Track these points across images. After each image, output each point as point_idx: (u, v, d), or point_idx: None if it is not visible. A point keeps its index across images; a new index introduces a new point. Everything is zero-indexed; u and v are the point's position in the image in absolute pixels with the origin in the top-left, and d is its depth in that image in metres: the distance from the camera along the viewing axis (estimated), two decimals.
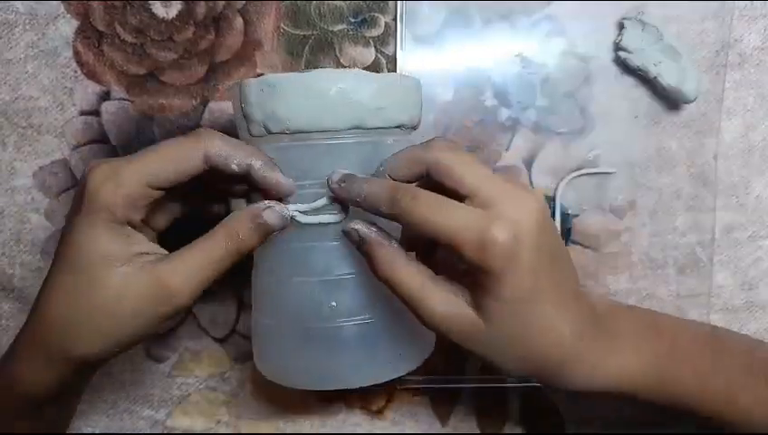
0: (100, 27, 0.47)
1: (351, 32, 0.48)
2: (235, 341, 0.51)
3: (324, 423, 0.53)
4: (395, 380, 0.38)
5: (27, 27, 0.47)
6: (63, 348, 0.32)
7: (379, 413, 0.53)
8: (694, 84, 0.47)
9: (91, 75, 0.48)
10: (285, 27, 0.48)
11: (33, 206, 0.49)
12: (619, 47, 0.47)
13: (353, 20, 0.48)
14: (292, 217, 0.34)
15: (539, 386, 0.52)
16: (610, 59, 0.48)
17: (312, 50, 0.48)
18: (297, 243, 0.35)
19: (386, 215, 0.32)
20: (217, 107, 0.48)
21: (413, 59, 0.48)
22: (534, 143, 0.49)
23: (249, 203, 0.38)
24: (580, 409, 0.53)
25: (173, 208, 0.37)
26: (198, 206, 0.39)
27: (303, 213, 0.34)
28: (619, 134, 0.49)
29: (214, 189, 0.39)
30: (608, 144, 0.49)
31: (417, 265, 0.32)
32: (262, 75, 0.35)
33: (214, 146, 0.32)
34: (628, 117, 0.49)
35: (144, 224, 0.34)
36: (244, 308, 0.51)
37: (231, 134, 0.34)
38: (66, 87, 0.48)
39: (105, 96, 0.48)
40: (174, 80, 0.48)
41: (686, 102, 0.48)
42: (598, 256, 0.51)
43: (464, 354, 0.50)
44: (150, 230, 0.36)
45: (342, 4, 0.47)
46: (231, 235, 0.32)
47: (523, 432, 0.53)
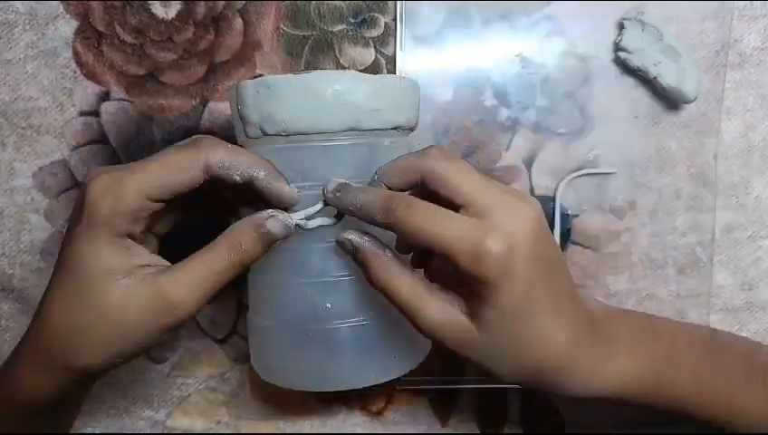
0: (100, 27, 0.47)
1: (351, 32, 0.48)
2: (234, 341, 0.51)
3: (324, 424, 0.53)
4: (393, 381, 0.38)
5: (27, 27, 0.47)
6: (65, 358, 0.32)
7: (379, 414, 0.53)
8: (694, 84, 0.47)
9: (91, 76, 0.48)
10: (285, 28, 0.48)
11: (33, 206, 0.49)
12: (618, 47, 0.47)
13: (353, 20, 0.48)
14: (295, 225, 0.33)
15: None
16: (610, 59, 0.48)
17: (312, 50, 0.48)
18: (293, 244, 0.35)
19: (381, 224, 0.31)
20: (217, 107, 0.48)
21: (413, 59, 0.48)
22: (534, 143, 0.49)
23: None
24: (579, 409, 0.53)
25: (175, 214, 0.37)
26: (200, 215, 0.38)
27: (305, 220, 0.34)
28: (618, 134, 0.49)
29: (216, 197, 0.38)
30: (608, 144, 0.49)
31: (412, 275, 0.32)
32: (261, 76, 0.35)
33: (215, 156, 0.32)
34: (628, 117, 0.49)
35: (146, 231, 0.34)
36: (243, 309, 0.51)
37: (230, 135, 0.34)
38: (66, 87, 0.48)
39: (105, 96, 0.48)
40: (174, 80, 0.48)
41: (685, 102, 0.48)
42: (598, 256, 0.50)
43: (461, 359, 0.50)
44: (153, 237, 0.36)
45: (342, 4, 0.47)
46: (234, 245, 0.32)
47: (522, 432, 0.53)
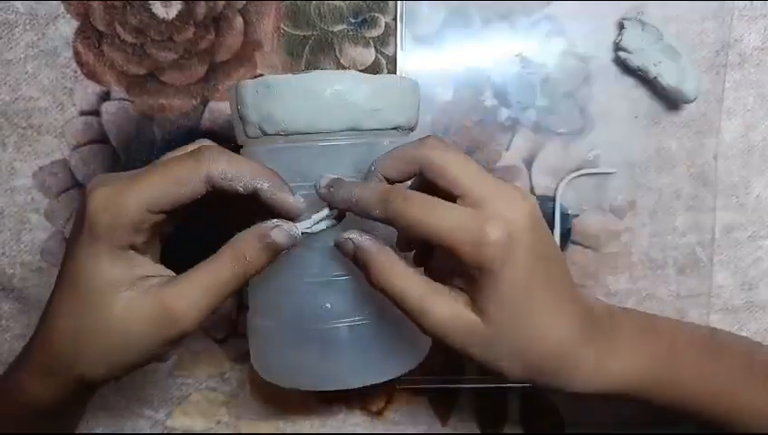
0: (100, 27, 0.47)
1: (351, 32, 0.48)
2: (234, 341, 0.51)
3: (324, 423, 0.53)
4: (393, 380, 0.38)
5: (27, 27, 0.47)
6: (68, 368, 0.32)
7: (379, 414, 0.53)
8: (694, 84, 0.47)
9: (91, 75, 0.48)
10: (285, 27, 0.48)
11: (33, 206, 0.49)
12: (618, 47, 0.47)
13: (353, 20, 0.48)
14: (301, 234, 0.33)
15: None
16: (610, 59, 0.48)
17: (312, 50, 0.48)
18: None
19: (378, 218, 0.31)
20: (217, 107, 0.48)
21: (413, 59, 0.48)
22: (534, 143, 0.49)
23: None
24: (579, 409, 0.53)
25: (177, 219, 0.37)
26: (202, 223, 0.38)
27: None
28: (618, 134, 0.49)
29: (220, 205, 0.37)
30: (608, 144, 0.49)
31: (414, 273, 0.32)
32: (261, 76, 0.35)
33: (217, 168, 0.31)
34: (628, 117, 0.49)
35: (148, 241, 0.33)
36: (243, 309, 0.51)
37: (230, 135, 0.33)
38: (66, 87, 0.48)
39: (105, 96, 0.48)
40: (174, 80, 0.48)
41: (685, 102, 0.48)
42: (598, 256, 0.50)
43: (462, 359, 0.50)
44: (155, 243, 0.35)
45: (342, 4, 0.47)
46: (238, 257, 0.31)
47: (523, 432, 0.53)
